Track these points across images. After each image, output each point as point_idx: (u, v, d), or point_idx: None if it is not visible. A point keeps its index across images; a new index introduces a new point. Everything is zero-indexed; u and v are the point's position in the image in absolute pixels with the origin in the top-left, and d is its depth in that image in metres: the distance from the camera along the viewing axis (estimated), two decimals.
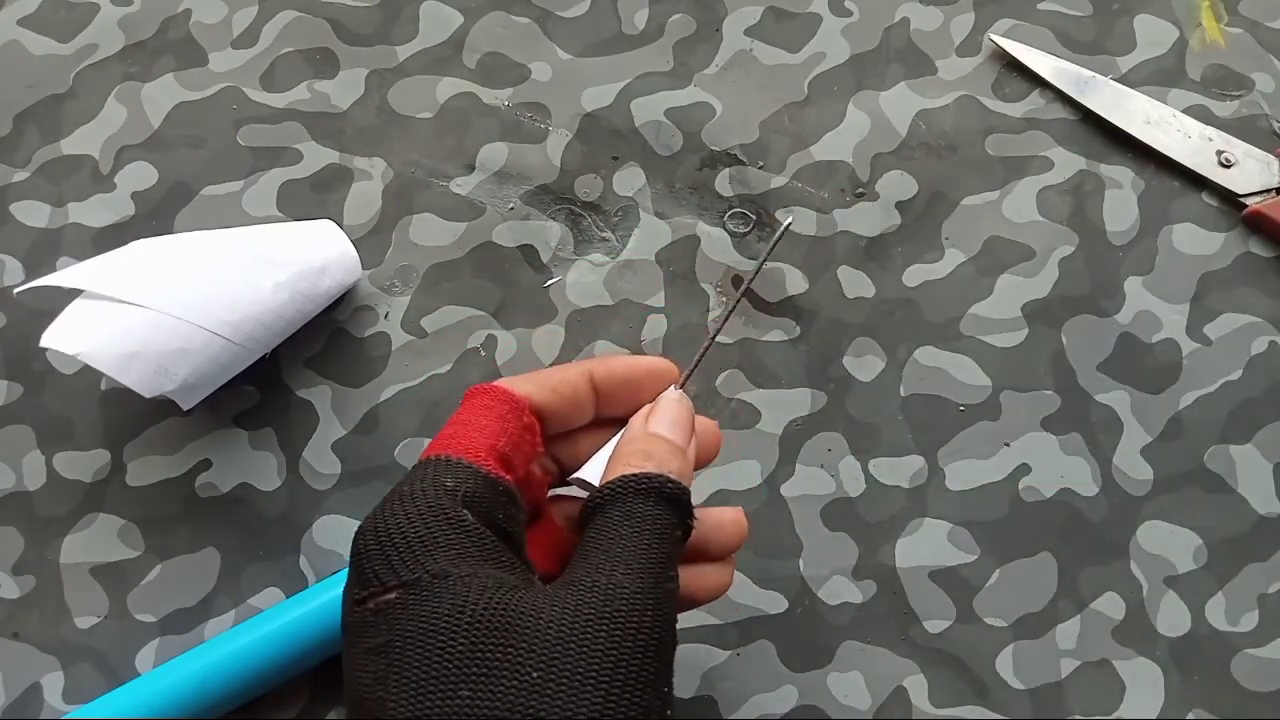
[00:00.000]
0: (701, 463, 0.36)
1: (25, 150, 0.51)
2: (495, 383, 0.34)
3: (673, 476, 0.32)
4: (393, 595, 0.29)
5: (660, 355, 0.38)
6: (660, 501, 0.31)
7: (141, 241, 0.45)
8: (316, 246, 0.46)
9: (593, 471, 0.35)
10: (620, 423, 0.36)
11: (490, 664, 0.27)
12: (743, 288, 0.38)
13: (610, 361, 0.36)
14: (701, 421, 0.36)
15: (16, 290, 0.45)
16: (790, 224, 0.38)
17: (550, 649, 0.27)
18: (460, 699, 0.27)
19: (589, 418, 0.36)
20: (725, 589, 0.36)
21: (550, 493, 0.37)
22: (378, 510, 0.31)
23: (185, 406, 0.43)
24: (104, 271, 0.43)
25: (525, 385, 0.34)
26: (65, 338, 0.41)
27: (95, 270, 0.43)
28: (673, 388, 0.36)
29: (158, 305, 0.42)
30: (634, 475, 0.32)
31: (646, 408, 0.35)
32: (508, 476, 0.32)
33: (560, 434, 0.36)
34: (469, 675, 0.27)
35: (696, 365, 0.37)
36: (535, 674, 0.27)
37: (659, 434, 0.34)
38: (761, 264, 0.38)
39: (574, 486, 0.36)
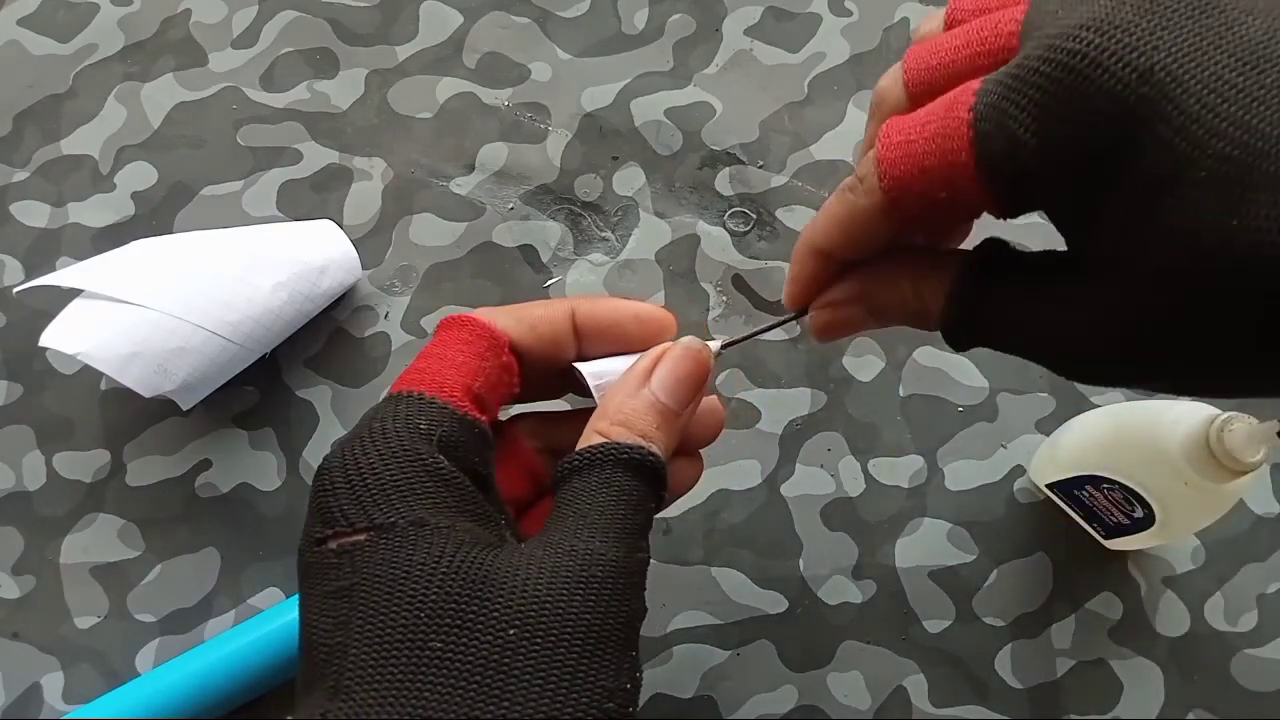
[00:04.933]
0: (700, 442, 0.35)
1: (25, 150, 0.51)
2: (474, 313, 0.32)
3: (655, 450, 0.31)
4: (362, 537, 0.28)
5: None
6: (640, 474, 0.30)
7: (141, 241, 0.45)
8: (316, 246, 0.46)
9: (598, 371, 0.33)
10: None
11: (465, 617, 0.26)
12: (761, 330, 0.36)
13: (596, 302, 0.34)
14: (705, 401, 0.34)
15: (16, 290, 0.45)
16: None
17: (527, 608, 0.27)
18: (430, 649, 0.26)
19: (569, 359, 0.34)
20: (695, 483, 0.35)
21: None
22: (346, 446, 0.29)
23: (185, 406, 0.43)
24: (103, 271, 0.43)
25: (504, 320, 0.33)
26: (65, 337, 0.41)
27: (94, 270, 0.43)
28: (691, 337, 0.33)
29: (157, 305, 0.42)
30: (616, 445, 0.30)
31: (653, 353, 0.33)
32: (483, 418, 0.31)
33: (552, 416, 0.35)
34: (442, 627, 0.26)
35: (739, 341, 0.35)
36: (512, 630, 0.27)
37: (654, 399, 0.32)
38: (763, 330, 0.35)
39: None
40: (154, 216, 0.50)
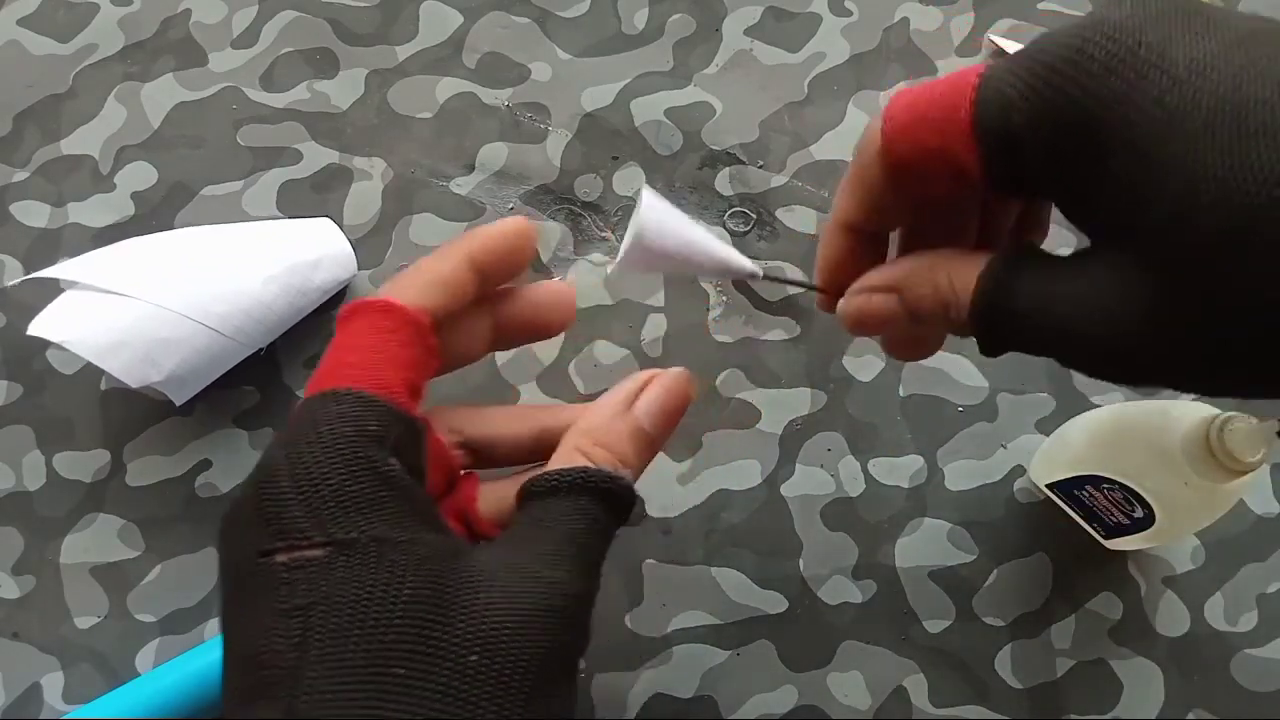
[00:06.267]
0: (537, 328, 0.35)
1: (25, 150, 0.51)
2: (382, 296, 0.31)
3: (629, 479, 0.31)
4: (319, 553, 0.26)
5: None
6: (610, 503, 0.30)
7: (133, 239, 0.45)
8: (309, 241, 0.46)
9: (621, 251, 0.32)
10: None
11: (429, 642, 0.26)
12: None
13: (482, 237, 0.32)
14: (560, 290, 0.35)
15: (8, 284, 0.45)
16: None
17: (489, 633, 0.26)
18: (392, 675, 0.25)
19: (472, 298, 0.33)
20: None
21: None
22: (291, 450, 0.28)
23: (177, 401, 0.43)
24: (94, 264, 0.43)
25: (416, 295, 0.31)
26: (53, 326, 0.41)
27: (86, 263, 0.43)
28: (679, 368, 0.33)
29: (145, 295, 0.42)
30: (594, 472, 0.30)
31: (641, 376, 0.33)
32: (418, 413, 0.30)
33: (469, 409, 0.35)
34: (404, 653, 0.26)
35: (780, 281, 0.35)
36: (473, 656, 0.26)
37: (637, 425, 0.32)
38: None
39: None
40: (154, 216, 0.50)
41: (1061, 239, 0.50)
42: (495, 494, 0.34)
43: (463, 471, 0.35)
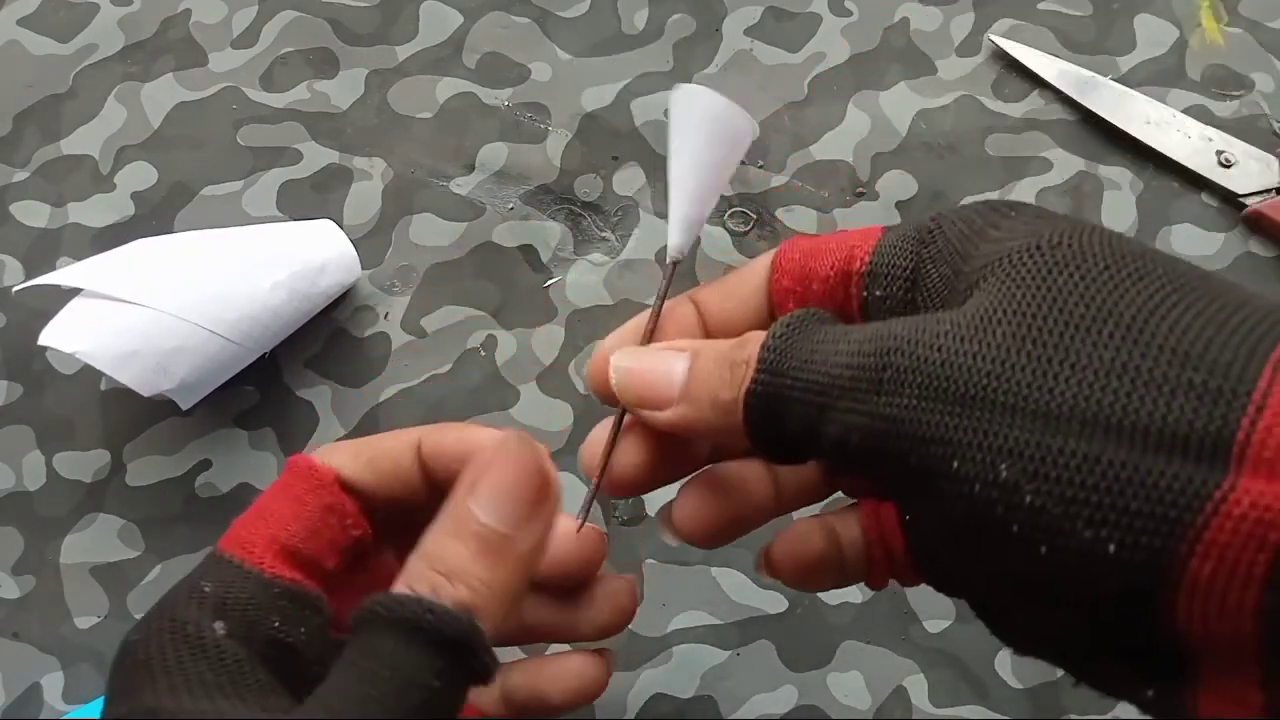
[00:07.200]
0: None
1: (25, 150, 0.51)
2: (310, 452, 0.29)
3: (448, 604, 0.23)
4: None
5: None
6: (414, 641, 0.23)
7: (140, 241, 0.45)
8: (315, 246, 0.46)
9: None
10: None
11: None
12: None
13: (444, 432, 0.29)
14: (566, 521, 0.29)
15: (15, 289, 0.45)
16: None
17: None
18: None
19: (424, 500, 0.29)
20: (591, 693, 0.30)
21: None
22: (148, 614, 0.27)
23: (184, 405, 0.43)
24: (102, 270, 0.43)
25: (338, 456, 0.29)
26: (64, 336, 0.41)
27: (93, 269, 0.43)
28: (512, 431, 0.25)
29: (156, 304, 0.42)
30: (384, 599, 0.23)
31: (473, 465, 0.25)
32: (293, 575, 0.27)
33: (401, 519, 0.29)
34: None
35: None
36: None
37: (470, 520, 0.24)
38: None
39: None
40: (154, 216, 0.50)
41: None
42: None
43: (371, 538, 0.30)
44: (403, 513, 0.29)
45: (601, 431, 0.29)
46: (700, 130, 0.29)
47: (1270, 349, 0.21)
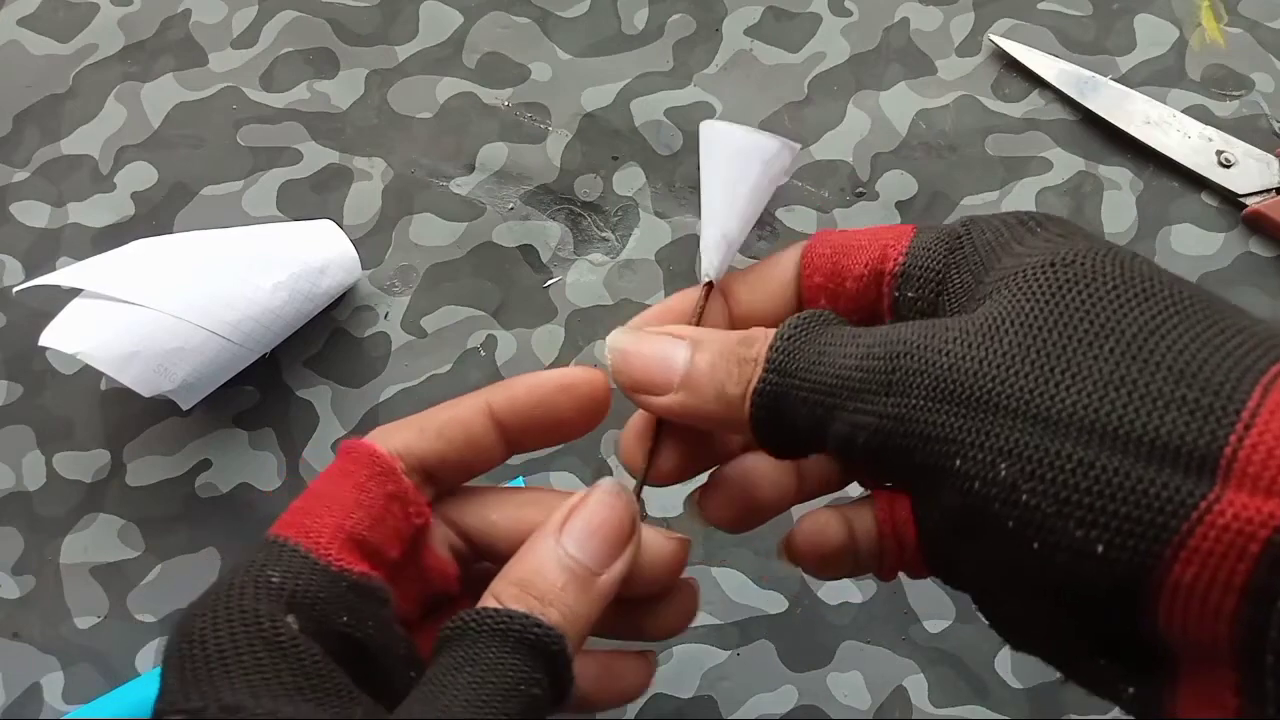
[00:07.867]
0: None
1: (25, 150, 0.51)
2: (370, 436, 0.28)
3: (546, 620, 0.25)
4: (179, 718, 0.24)
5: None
6: (520, 650, 0.25)
7: (141, 241, 0.45)
8: (316, 246, 0.46)
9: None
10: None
11: None
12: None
13: (511, 386, 0.29)
14: (659, 538, 0.29)
15: (16, 289, 0.45)
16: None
17: None
18: None
19: (499, 461, 0.30)
20: (640, 690, 0.30)
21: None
22: (194, 605, 0.26)
23: (185, 406, 0.43)
24: (103, 271, 0.43)
25: (401, 435, 0.28)
26: (65, 336, 0.41)
27: (94, 269, 0.43)
28: (608, 480, 0.28)
29: (157, 305, 0.42)
30: (494, 612, 0.25)
31: (570, 501, 0.28)
32: (360, 567, 0.27)
33: (468, 493, 0.30)
34: None
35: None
36: None
37: (563, 555, 0.26)
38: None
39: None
40: (154, 216, 0.50)
41: None
42: (476, 513, 0.30)
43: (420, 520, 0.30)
44: (464, 479, 0.30)
45: (639, 422, 0.30)
46: (734, 162, 0.31)
47: (1263, 371, 0.22)
